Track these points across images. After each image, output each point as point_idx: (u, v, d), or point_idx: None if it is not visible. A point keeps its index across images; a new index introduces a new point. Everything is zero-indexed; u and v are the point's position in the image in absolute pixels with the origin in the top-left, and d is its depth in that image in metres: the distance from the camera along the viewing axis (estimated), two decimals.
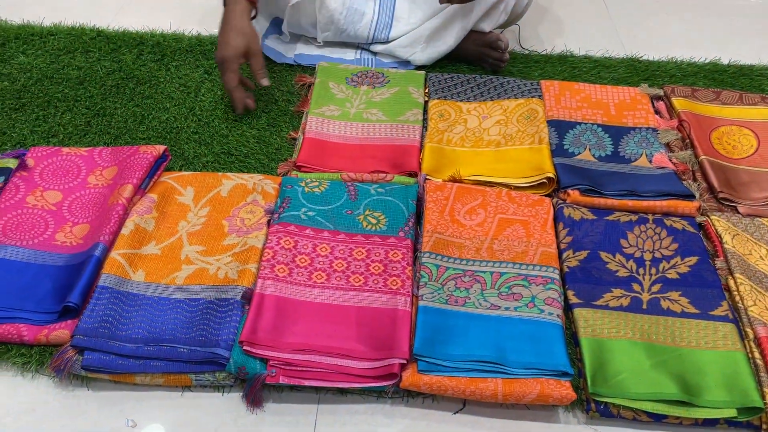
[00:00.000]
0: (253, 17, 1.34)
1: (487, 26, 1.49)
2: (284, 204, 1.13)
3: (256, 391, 0.91)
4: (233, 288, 0.99)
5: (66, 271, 1.02)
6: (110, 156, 1.20)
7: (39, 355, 0.94)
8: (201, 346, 0.92)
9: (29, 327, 0.95)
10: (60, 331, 0.94)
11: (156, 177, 1.17)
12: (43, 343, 0.95)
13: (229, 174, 1.21)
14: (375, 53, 1.57)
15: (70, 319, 0.96)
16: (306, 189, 1.16)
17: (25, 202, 1.13)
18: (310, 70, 1.51)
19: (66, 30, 1.59)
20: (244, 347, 0.92)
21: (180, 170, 1.23)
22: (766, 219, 1.14)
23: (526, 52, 1.63)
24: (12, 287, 1.00)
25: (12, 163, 1.17)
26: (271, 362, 0.92)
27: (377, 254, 1.07)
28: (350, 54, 1.57)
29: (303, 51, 1.56)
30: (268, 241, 1.07)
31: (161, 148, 1.19)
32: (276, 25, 1.57)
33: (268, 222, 1.12)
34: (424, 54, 1.51)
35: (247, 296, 0.99)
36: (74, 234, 1.09)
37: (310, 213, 1.12)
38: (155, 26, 1.63)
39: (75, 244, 1.07)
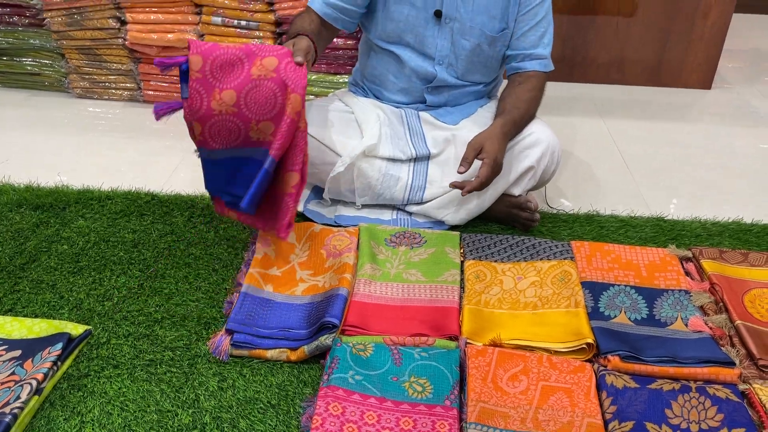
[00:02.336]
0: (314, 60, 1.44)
1: (516, 191, 1.58)
2: (333, 364, 1.16)
3: None
4: (336, 289, 1.33)
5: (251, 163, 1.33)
6: (265, 47, 1.31)
7: None
8: (316, 323, 1.25)
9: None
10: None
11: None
12: None
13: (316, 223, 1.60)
14: (410, 213, 1.65)
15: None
16: (354, 350, 1.20)
17: (211, 110, 1.27)
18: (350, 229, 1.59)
19: (122, 194, 1.71)
20: None
21: None
22: None
23: (554, 211, 1.71)
24: None
25: (72, 328, 1.22)
26: None
27: (424, 425, 1.07)
28: (387, 215, 1.66)
29: (343, 212, 1.65)
30: (317, 407, 1.09)
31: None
32: (316, 191, 1.68)
33: (357, 245, 1.49)
34: (456, 215, 1.60)
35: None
36: (262, 130, 1.30)
37: (357, 377, 1.15)
38: (204, 189, 1.74)
39: (266, 140, 1.30)
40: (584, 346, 1.22)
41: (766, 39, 3.13)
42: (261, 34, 2.12)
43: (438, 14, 1.51)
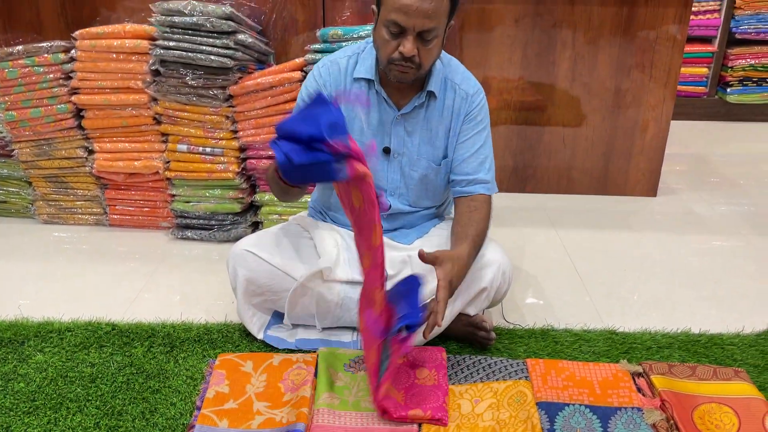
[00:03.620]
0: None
1: (471, 311, 1.62)
2: None
3: None
4: (294, 424, 1.35)
5: None
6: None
7: None
8: None
9: None
10: None
11: None
12: None
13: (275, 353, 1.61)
14: None
15: None
16: None
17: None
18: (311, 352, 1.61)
19: (83, 325, 1.71)
20: None
21: None
22: None
23: (511, 326, 1.75)
24: None
25: None
26: None
27: None
28: (347, 336, 1.68)
29: (303, 336, 1.67)
30: None
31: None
32: (276, 317, 1.71)
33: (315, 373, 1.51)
34: (416, 336, 1.62)
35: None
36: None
37: None
38: (166, 316, 1.77)
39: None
40: None
41: (703, 144, 3.35)
42: (225, 160, 2.20)
43: (387, 151, 1.61)
